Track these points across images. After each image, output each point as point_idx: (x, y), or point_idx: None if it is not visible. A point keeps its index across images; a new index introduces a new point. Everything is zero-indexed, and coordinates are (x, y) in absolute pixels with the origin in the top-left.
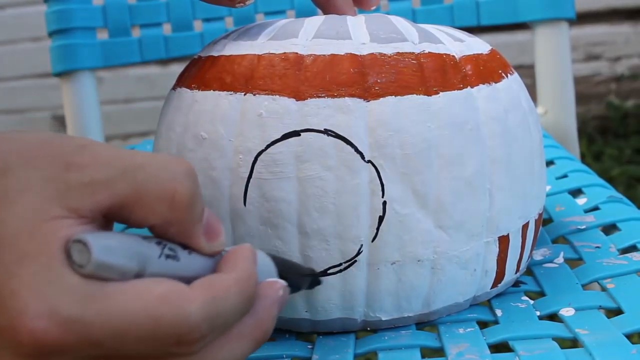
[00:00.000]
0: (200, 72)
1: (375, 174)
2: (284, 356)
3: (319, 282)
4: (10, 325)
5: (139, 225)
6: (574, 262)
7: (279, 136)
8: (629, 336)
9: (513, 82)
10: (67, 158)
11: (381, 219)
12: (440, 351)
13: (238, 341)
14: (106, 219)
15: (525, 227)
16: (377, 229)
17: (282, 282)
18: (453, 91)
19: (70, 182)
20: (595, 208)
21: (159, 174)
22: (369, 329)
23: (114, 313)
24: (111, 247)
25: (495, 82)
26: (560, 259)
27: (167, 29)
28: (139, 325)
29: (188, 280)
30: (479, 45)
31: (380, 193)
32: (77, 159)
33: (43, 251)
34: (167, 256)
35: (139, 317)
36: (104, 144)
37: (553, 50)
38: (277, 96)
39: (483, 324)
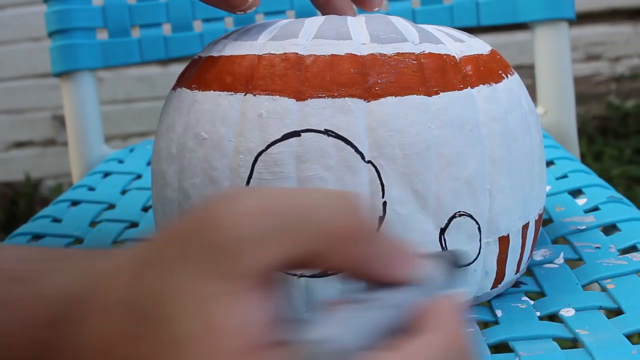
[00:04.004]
0: (201, 72)
1: (376, 174)
2: None
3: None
4: None
5: (333, 271)
6: (574, 262)
7: (279, 136)
8: (629, 336)
9: (513, 83)
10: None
11: (381, 219)
12: None
13: None
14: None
15: (525, 227)
16: (378, 229)
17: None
18: (453, 91)
19: (212, 246)
20: (595, 208)
21: (329, 212)
22: None
23: None
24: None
25: (496, 83)
26: (560, 260)
27: (167, 29)
28: None
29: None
30: (479, 45)
31: (381, 193)
32: (215, 219)
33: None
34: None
35: None
36: (245, 190)
37: (553, 51)
38: (278, 96)
39: (483, 325)
